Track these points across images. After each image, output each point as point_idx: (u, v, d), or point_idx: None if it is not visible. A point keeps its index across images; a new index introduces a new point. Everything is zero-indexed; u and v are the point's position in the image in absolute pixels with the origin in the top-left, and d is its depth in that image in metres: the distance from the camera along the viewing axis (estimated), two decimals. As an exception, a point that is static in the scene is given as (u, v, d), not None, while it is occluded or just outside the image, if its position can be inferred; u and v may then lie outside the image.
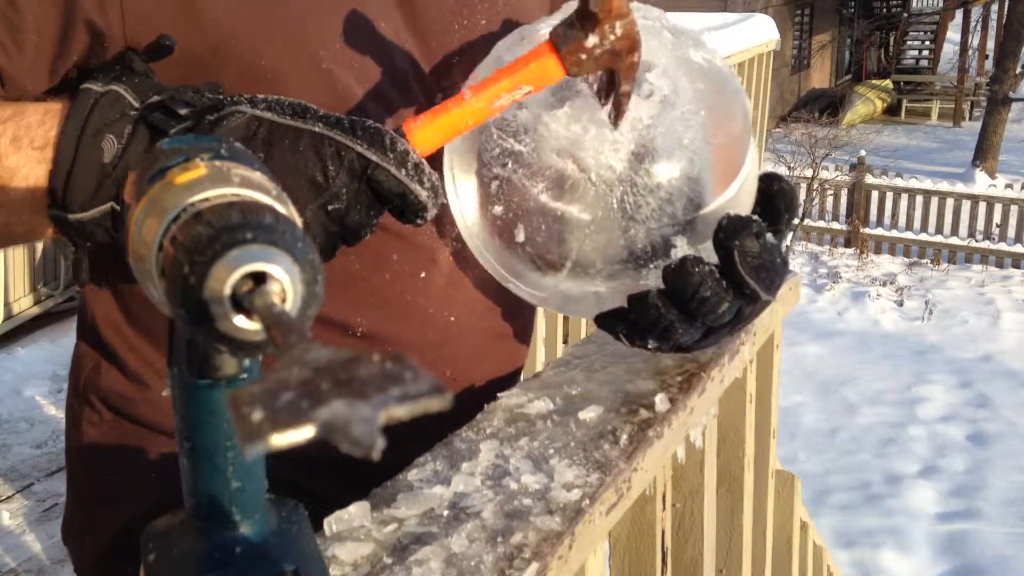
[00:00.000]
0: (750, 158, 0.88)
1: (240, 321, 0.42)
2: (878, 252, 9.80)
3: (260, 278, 0.42)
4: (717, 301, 0.81)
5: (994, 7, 18.20)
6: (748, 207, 0.88)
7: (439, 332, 0.95)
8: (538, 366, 2.92)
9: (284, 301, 0.43)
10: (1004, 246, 9.43)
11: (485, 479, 0.77)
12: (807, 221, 9.92)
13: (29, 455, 4.10)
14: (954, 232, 9.68)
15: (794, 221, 0.91)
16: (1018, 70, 13.32)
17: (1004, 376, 6.36)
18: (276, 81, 0.81)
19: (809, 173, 9.75)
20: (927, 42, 19.94)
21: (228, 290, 0.42)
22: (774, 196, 0.89)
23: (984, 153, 13.06)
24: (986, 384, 6.21)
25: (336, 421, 0.33)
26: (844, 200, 10.15)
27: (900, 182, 10.12)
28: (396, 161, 0.72)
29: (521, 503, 0.73)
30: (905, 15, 19.37)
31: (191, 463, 0.52)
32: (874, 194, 10.11)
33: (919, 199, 9.92)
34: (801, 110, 13.85)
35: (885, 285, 8.33)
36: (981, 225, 9.68)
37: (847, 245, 9.96)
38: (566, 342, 3.23)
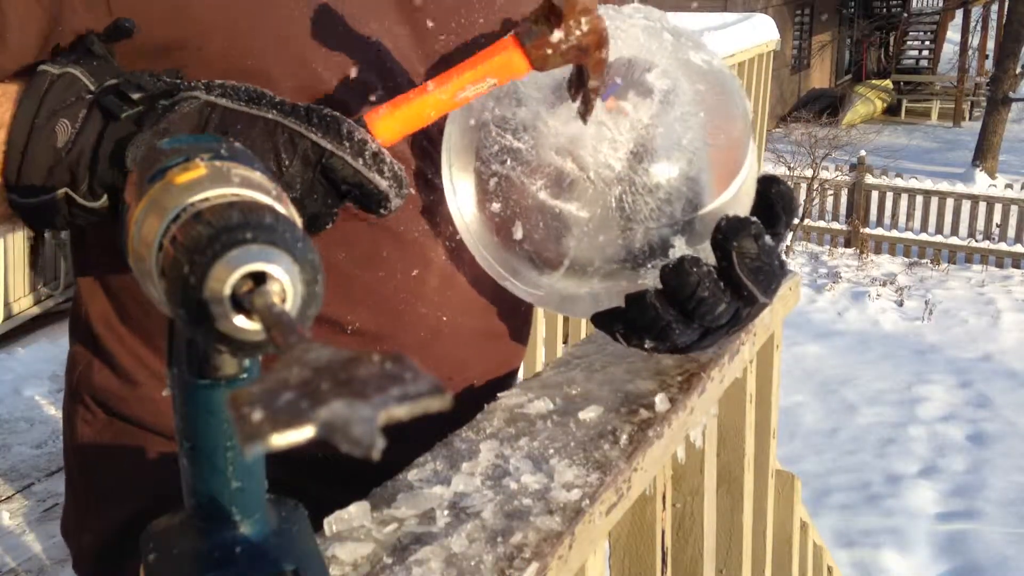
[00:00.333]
0: (750, 160, 0.88)
1: (240, 321, 0.42)
2: (878, 252, 9.80)
3: (260, 278, 0.42)
4: (715, 302, 0.80)
5: (994, 7, 18.20)
6: (747, 209, 0.88)
7: (430, 331, 0.94)
8: (538, 366, 2.92)
9: (284, 301, 0.43)
10: (1004, 246, 9.43)
11: (485, 479, 0.77)
12: (807, 221, 9.92)
13: (29, 455, 4.10)
14: (954, 232, 9.68)
15: (792, 224, 0.91)
16: (1018, 70, 13.32)
17: (1004, 376, 6.37)
18: (263, 82, 0.81)
19: (809, 173, 9.75)
20: (927, 42, 19.94)
21: (228, 290, 0.42)
22: (773, 199, 0.89)
23: (984, 153, 13.06)
24: (986, 384, 6.21)
25: (336, 421, 0.33)
26: (844, 200, 10.15)
27: (900, 182, 10.12)
28: (352, 150, 0.71)
29: (521, 503, 0.73)
30: (905, 15, 19.38)
31: (191, 463, 0.52)
32: (874, 194, 10.11)
33: (919, 199, 9.92)
34: (801, 110, 13.85)
35: (885, 285, 8.33)
36: (981, 225, 9.68)
37: (847, 245, 9.96)
38: (566, 342, 3.23)
